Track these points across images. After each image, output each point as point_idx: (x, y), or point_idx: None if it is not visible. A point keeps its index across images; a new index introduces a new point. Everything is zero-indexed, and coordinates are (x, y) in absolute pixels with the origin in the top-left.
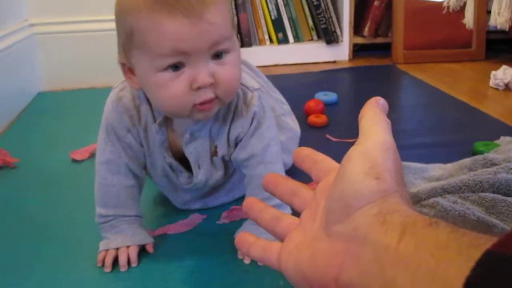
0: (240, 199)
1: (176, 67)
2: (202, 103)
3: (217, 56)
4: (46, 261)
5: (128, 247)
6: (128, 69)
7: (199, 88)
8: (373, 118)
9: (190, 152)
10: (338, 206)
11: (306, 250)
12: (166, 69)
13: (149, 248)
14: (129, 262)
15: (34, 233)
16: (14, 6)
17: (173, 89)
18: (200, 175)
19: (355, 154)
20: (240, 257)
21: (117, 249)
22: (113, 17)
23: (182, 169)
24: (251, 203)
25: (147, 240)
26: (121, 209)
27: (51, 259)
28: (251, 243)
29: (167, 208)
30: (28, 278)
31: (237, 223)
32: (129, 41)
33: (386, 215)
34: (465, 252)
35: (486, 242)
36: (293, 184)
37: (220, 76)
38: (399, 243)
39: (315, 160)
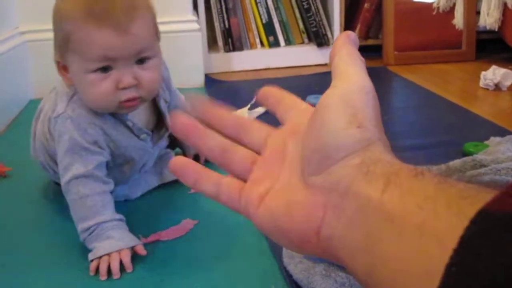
0: None
1: (104, 69)
2: (126, 101)
3: (141, 61)
4: (38, 269)
5: (120, 252)
6: (62, 67)
7: (124, 88)
8: (348, 57)
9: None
10: (316, 157)
11: (280, 200)
12: (95, 71)
13: (140, 250)
14: (122, 269)
15: (26, 241)
16: (4, 14)
17: (102, 88)
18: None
19: (333, 99)
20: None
21: (109, 255)
22: None
23: (149, 132)
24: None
25: (135, 242)
26: (100, 216)
27: (42, 268)
28: (198, 173)
29: (159, 215)
30: (19, 287)
31: (224, 225)
32: (65, 44)
33: (369, 165)
34: (454, 205)
35: (476, 194)
36: (239, 120)
37: (142, 79)
38: (383, 194)
39: (279, 97)
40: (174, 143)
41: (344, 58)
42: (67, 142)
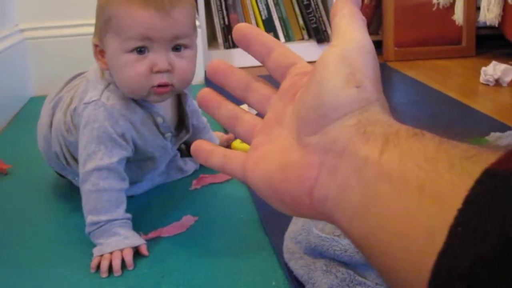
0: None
1: (141, 51)
2: (158, 86)
3: (177, 49)
4: (38, 266)
5: (122, 250)
6: (99, 51)
7: (157, 72)
8: (349, 16)
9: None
10: (313, 116)
11: (275, 161)
12: (132, 51)
13: (143, 250)
14: (123, 266)
15: (26, 239)
16: (4, 11)
17: (136, 69)
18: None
19: (332, 57)
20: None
21: (111, 253)
22: None
23: (174, 132)
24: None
25: (140, 241)
26: (113, 213)
27: (44, 265)
28: (210, 150)
29: (159, 212)
30: (20, 284)
31: (225, 221)
32: (106, 25)
33: (367, 125)
34: (457, 165)
35: (479, 154)
36: (246, 77)
37: (177, 66)
38: (381, 154)
39: (269, 47)
40: (189, 149)
41: (345, 17)
42: (96, 130)
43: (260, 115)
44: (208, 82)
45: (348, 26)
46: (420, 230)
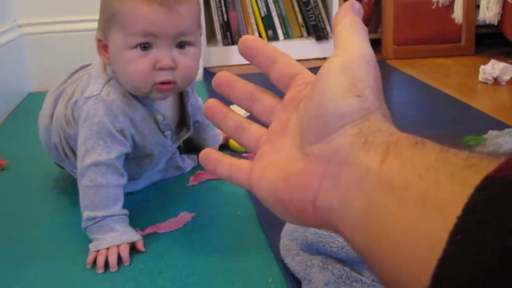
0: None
1: (144, 47)
2: (161, 83)
3: (181, 46)
4: (35, 262)
5: (119, 246)
6: (102, 46)
7: (160, 69)
8: (350, 26)
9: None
10: (314, 125)
11: (279, 171)
12: (135, 47)
13: (140, 246)
14: (119, 262)
15: (23, 234)
16: (2, 6)
17: (139, 65)
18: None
19: (333, 67)
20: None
21: (108, 248)
22: None
23: (173, 130)
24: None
25: (136, 237)
26: (110, 209)
27: (40, 260)
28: (218, 160)
29: (156, 208)
30: (17, 280)
31: (221, 218)
32: (110, 20)
33: (368, 135)
34: (457, 174)
35: (480, 162)
36: (251, 88)
37: (180, 63)
38: (382, 164)
39: (273, 58)
40: (190, 147)
41: (347, 27)
42: (95, 125)
43: (265, 125)
44: (207, 79)
45: (350, 36)
46: (421, 239)
